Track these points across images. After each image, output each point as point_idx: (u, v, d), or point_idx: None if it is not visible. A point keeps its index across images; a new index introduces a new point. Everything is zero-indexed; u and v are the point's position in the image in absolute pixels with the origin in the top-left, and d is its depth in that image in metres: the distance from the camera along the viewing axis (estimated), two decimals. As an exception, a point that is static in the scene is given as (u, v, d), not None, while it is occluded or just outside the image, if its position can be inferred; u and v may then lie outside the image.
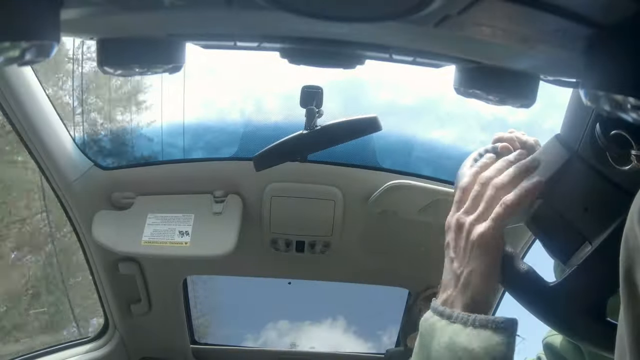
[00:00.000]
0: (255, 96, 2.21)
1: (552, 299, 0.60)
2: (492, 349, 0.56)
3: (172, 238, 1.67)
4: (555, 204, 0.65)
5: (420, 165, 1.82)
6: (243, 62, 1.96)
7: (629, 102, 0.37)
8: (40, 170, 1.58)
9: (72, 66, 2.36)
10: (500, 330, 0.57)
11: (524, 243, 1.71)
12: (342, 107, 1.93)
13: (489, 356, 0.55)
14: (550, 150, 0.68)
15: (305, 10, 0.38)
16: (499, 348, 0.56)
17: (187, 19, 0.49)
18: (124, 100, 2.74)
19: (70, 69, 2.70)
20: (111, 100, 2.65)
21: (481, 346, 0.56)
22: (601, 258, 0.57)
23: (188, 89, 2.11)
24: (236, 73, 2.15)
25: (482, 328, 0.57)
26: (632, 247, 0.38)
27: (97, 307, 1.95)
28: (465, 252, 0.62)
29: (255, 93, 2.21)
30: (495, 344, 0.56)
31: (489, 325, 0.57)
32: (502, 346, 0.56)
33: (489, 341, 0.56)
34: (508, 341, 0.57)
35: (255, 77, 2.12)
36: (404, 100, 2.31)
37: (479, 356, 0.56)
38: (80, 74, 2.73)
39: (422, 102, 2.25)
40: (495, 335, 0.56)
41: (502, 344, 0.56)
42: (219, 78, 2.20)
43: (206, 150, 1.92)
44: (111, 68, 0.57)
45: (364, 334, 2.64)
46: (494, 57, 0.56)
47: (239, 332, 2.65)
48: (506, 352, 0.56)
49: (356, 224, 1.85)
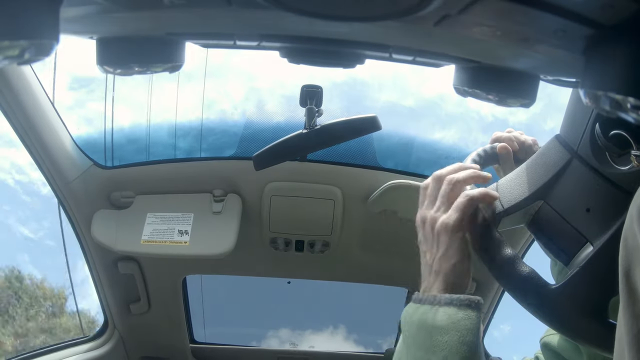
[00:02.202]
0: (257, 96, 2.21)
1: (555, 301, 0.60)
2: (458, 323, 0.60)
3: (171, 237, 1.66)
4: (556, 205, 0.65)
5: (421, 167, 1.82)
6: (244, 62, 1.96)
7: (628, 102, 0.37)
8: (40, 169, 1.58)
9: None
10: (463, 307, 0.62)
11: (522, 243, 1.71)
12: (344, 108, 1.93)
13: (455, 329, 0.60)
14: (550, 151, 0.68)
15: (305, 9, 0.38)
16: (464, 322, 0.60)
17: (186, 18, 0.49)
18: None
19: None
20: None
21: (447, 321, 0.61)
22: (603, 259, 0.57)
23: (188, 89, 2.11)
24: (237, 73, 2.14)
25: (446, 306, 0.62)
26: (631, 246, 0.38)
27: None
28: (433, 242, 0.69)
29: (256, 93, 2.21)
30: (460, 318, 0.61)
31: (453, 303, 0.62)
32: (467, 320, 0.61)
33: (454, 317, 0.61)
34: (472, 316, 0.61)
35: (256, 78, 2.12)
36: (406, 101, 2.32)
37: (445, 330, 0.60)
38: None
39: (423, 104, 2.26)
40: (460, 311, 0.61)
41: (467, 318, 0.61)
42: (220, 78, 2.20)
43: (209, 152, 1.92)
44: (110, 67, 0.57)
45: (364, 333, 2.64)
46: (494, 57, 0.56)
47: (238, 331, 2.65)
48: (470, 326, 0.60)
49: (356, 223, 1.84)
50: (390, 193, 1.67)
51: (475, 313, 0.61)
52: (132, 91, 2.08)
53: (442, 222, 0.67)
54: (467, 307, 0.61)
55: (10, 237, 10.19)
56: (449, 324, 0.60)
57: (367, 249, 1.95)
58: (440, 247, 0.67)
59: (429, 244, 0.70)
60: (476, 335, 0.60)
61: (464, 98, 0.66)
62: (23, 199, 10.05)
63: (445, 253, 0.66)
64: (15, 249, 10.06)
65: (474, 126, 2.12)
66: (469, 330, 0.60)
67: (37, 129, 1.45)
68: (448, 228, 0.67)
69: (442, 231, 0.67)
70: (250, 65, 2.28)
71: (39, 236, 10.19)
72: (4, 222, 10.28)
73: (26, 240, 10.07)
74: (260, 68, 2.09)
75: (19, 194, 9.85)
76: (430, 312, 0.63)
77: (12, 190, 9.81)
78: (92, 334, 2.02)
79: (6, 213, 10.48)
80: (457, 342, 0.59)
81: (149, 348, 2.15)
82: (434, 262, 0.68)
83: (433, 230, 0.69)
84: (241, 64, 2.40)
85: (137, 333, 2.09)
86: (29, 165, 9.33)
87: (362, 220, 1.84)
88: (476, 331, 0.60)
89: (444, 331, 0.60)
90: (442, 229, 0.67)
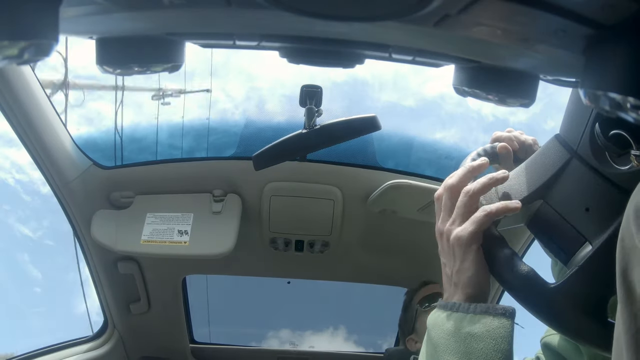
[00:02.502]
0: (257, 96, 2.21)
1: (554, 300, 0.60)
2: (494, 332, 0.61)
3: (171, 237, 1.67)
4: (555, 204, 0.65)
5: (422, 167, 1.82)
6: (243, 62, 1.96)
7: (628, 102, 0.37)
8: (40, 169, 1.57)
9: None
10: (499, 316, 0.62)
11: (522, 243, 1.71)
12: (345, 108, 1.93)
13: (491, 338, 0.61)
14: (549, 151, 0.68)
15: (304, 9, 0.38)
16: (499, 331, 0.61)
17: (186, 18, 0.49)
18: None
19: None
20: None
21: (482, 329, 0.62)
22: (602, 258, 0.57)
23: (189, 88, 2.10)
24: (236, 73, 2.14)
25: (482, 314, 0.63)
26: (627, 246, 0.38)
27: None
28: (449, 255, 0.69)
29: (257, 93, 2.21)
30: (496, 327, 0.61)
31: (489, 312, 0.63)
32: (502, 329, 0.61)
33: (490, 325, 0.62)
34: (507, 325, 0.62)
35: (257, 77, 2.12)
36: (406, 101, 2.32)
37: (481, 338, 0.61)
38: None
39: (423, 104, 2.27)
40: (495, 319, 0.62)
41: (502, 327, 0.62)
42: (220, 78, 2.20)
43: (210, 151, 1.92)
44: (110, 67, 0.57)
45: (364, 333, 2.64)
46: (493, 57, 0.56)
47: (238, 331, 2.65)
48: (505, 334, 0.61)
49: (355, 223, 1.84)
50: (390, 193, 1.67)
51: (509, 322, 0.62)
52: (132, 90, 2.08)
53: (456, 236, 0.67)
54: (502, 315, 0.62)
55: (10, 237, 10.19)
56: (484, 331, 0.61)
57: (367, 248, 1.95)
58: (457, 260, 0.67)
59: (446, 256, 0.70)
60: (510, 343, 0.62)
61: (464, 98, 0.66)
62: (23, 198, 10.05)
63: (461, 266, 0.67)
64: (15, 248, 10.06)
65: (474, 126, 2.12)
66: (503, 338, 0.61)
67: (37, 129, 1.45)
68: (462, 241, 0.66)
69: (456, 244, 0.67)
70: (251, 65, 2.28)
71: (39, 235, 10.20)
72: (4, 221, 10.29)
73: (26, 239, 10.08)
74: (261, 68, 2.09)
75: (19, 193, 9.86)
76: (465, 319, 0.63)
77: (12, 190, 9.82)
78: (92, 334, 2.03)
79: (6, 212, 10.49)
80: (492, 349, 0.60)
81: (149, 348, 2.15)
82: (452, 274, 0.68)
83: (449, 243, 0.68)
84: (241, 64, 2.40)
85: (137, 333, 2.09)
86: (29, 165, 9.30)
87: (362, 220, 1.84)
88: (510, 339, 0.62)
89: (480, 339, 0.61)
90: (456, 242, 0.67)
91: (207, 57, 2.25)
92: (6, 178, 9.43)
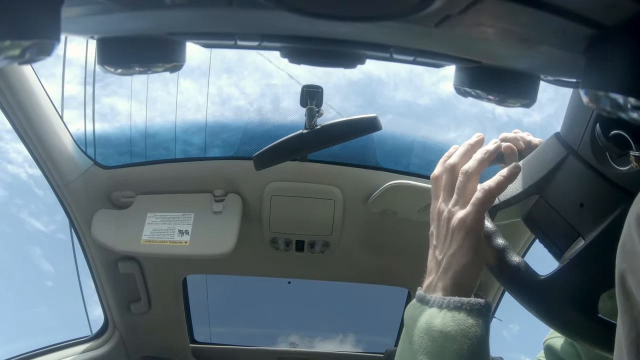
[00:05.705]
0: (258, 96, 2.21)
1: (542, 291, 0.60)
2: (467, 331, 0.57)
3: (171, 237, 1.67)
4: (551, 199, 0.66)
5: (422, 167, 1.82)
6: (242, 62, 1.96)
7: (628, 102, 0.37)
8: (40, 169, 1.58)
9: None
10: (474, 313, 0.58)
11: (524, 242, 1.71)
12: (359, 106, 1.93)
13: (464, 338, 0.57)
14: (548, 148, 0.69)
15: (306, 9, 0.38)
16: (474, 330, 0.57)
17: (187, 18, 0.49)
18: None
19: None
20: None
21: (456, 329, 0.57)
22: (593, 253, 0.58)
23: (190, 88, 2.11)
24: (237, 72, 2.14)
25: (456, 310, 0.59)
26: (628, 251, 0.38)
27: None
28: (446, 238, 0.65)
29: (257, 93, 2.21)
30: (470, 325, 0.57)
31: (463, 307, 0.59)
32: (477, 328, 0.57)
33: (463, 323, 0.58)
34: (483, 323, 0.58)
35: (260, 77, 2.12)
36: (422, 100, 2.31)
37: (455, 338, 0.57)
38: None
39: (438, 102, 2.26)
40: (470, 317, 0.58)
41: (476, 325, 0.57)
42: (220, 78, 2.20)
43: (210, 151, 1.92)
44: (112, 67, 0.57)
45: (364, 333, 2.64)
46: (494, 57, 0.56)
47: (238, 331, 2.65)
48: (480, 334, 0.57)
49: (356, 223, 1.84)
50: (390, 193, 1.67)
51: (485, 319, 0.59)
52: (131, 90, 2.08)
53: (460, 219, 0.64)
54: (478, 312, 0.58)
55: (22, 230, 10.21)
56: (457, 331, 0.57)
57: (367, 249, 1.95)
58: (454, 243, 0.64)
59: (441, 238, 0.66)
60: (486, 342, 0.58)
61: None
62: (36, 192, 10.06)
63: (458, 251, 0.63)
64: (28, 242, 10.09)
65: (488, 126, 2.13)
66: (479, 338, 0.57)
67: (38, 129, 1.45)
68: (466, 225, 0.63)
69: (458, 228, 0.64)
70: (251, 64, 2.28)
71: (51, 229, 10.22)
72: (16, 215, 10.31)
73: (38, 233, 10.11)
74: (267, 68, 2.09)
75: (31, 187, 9.86)
76: (438, 316, 0.59)
77: (24, 184, 9.82)
78: (92, 334, 2.03)
79: (18, 207, 10.50)
80: (467, 351, 0.56)
81: (149, 348, 2.15)
82: (444, 258, 0.65)
83: (449, 226, 0.65)
84: (241, 64, 2.40)
85: (137, 333, 2.09)
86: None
87: (362, 220, 1.84)
88: (486, 338, 0.58)
89: (453, 339, 0.57)
90: (459, 226, 0.64)
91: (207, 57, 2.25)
92: (18, 172, 9.42)
